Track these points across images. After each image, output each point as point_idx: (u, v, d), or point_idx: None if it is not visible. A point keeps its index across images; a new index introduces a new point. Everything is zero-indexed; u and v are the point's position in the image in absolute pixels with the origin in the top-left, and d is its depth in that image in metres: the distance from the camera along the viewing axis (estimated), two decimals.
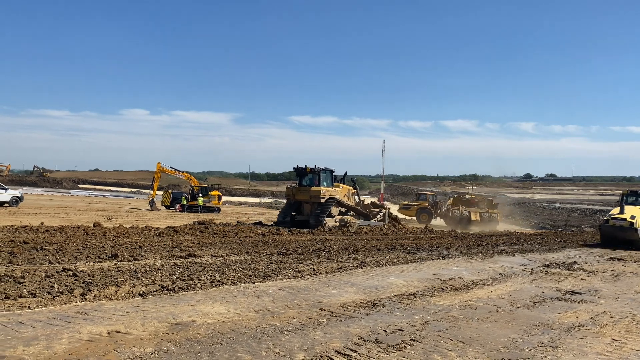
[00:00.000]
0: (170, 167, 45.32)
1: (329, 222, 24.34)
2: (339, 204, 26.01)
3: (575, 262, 15.49)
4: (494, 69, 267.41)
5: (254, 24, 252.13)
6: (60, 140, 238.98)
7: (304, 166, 26.07)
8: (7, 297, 7.17)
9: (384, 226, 25.58)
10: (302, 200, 25.91)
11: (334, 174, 26.80)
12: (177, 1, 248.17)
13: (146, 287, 8.46)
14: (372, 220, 27.44)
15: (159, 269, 10.37)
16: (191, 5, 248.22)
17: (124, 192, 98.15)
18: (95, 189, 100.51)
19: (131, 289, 8.21)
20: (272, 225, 25.47)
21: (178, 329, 6.27)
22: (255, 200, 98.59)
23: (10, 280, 8.31)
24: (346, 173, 28.41)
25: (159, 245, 14.24)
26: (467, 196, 49.84)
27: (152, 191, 44.38)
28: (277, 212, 55.42)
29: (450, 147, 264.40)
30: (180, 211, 43.53)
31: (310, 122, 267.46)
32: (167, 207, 46.30)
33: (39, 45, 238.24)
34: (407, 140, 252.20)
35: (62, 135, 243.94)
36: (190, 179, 46.98)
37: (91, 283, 8.48)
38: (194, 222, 22.86)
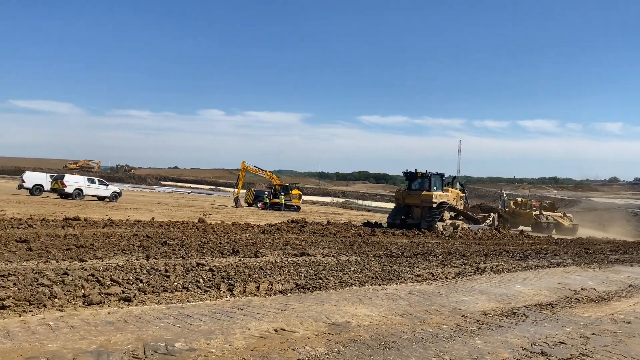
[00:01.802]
0: (254, 166, 46.53)
1: (440, 226, 24.24)
2: (451, 208, 25.80)
3: None
4: (576, 67, 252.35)
5: (324, 24, 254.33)
6: (141, 139, 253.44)
7: (414, 170, 26.45)
8: (165, 290, 7.55)
9: (490, 230, 25.10)
10: (412, 204, 26.16)
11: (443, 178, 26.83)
12: (251, 3, 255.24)
13: (282, 284, 8.62)
14: (482, 225, 26.85)
15: (282, 267, 10.57)
16: (263, 7, 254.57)
17: (204, 189, 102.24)
18: (176, 186, 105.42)
19: (269, 287, 8.40)
20: (371, 225, 25.45)
21: (337, 329, 6.31)
22: (327, 199, 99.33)
23: (157, 273, 8.76)
24: (455, 177, 28.00)
25: (269, 242, 14.57)
26: (527, 200, 46.98)
27: (236, 189, 45.70)
28: (352, 211, 55.17)
29: (527, 148, 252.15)
30: (262, 209, 44.60)
31: (380, 122, 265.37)
32: (250, 205, 47.57)
33: (123, 49, 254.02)
34: (481, 140, 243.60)
35: (143, 134, 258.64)
36: (273, 178, 48.03)
37: (229, 279, 8.76)
38: (288, 221, 23.26)
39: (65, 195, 32.66)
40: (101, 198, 34.61)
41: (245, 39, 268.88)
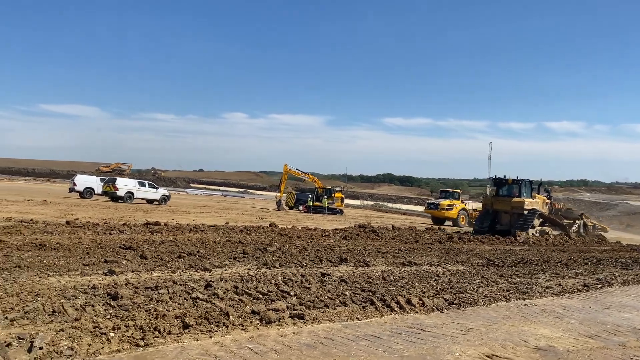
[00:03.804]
0: (297, 169, 46.06)
1: (531, 233, 23.79)
2: (541, 215, 25.26)
3: None
4: (604, 67, 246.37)
5: (347, 27, 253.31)
6: (166, 141, 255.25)
7: (503, 176, 26.27)
8: (327, 306, 6.97)
9: (572, 235, 24.34)
10: (500, 209, 25.85)
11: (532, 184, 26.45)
12: (275, 6, 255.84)
13: (432, 299, 7.96)
14: (570, 232, 26.06)
15: (403, 277, 9.94)
16: (286, 9, 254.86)
17: (233, 191, 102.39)
18: (206, 188, 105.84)
19: (420, 301, 7.75)
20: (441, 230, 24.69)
21: (549, 355, 5.63)
22: (356, 202, 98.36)
23: (295, 285, 8.19)
24: (541, 183, 27.26)
25: (362, 249, 13.94)
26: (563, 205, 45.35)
27: (279, 192, 45.28)
28: (389, 214, 54.31)
29: (554, 150, 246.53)
30: (305, 212, 44.06)
31: (402, 124, 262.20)
32: (291, 208, 47.08)
33: (147, 53, 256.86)
34: (506, 142, 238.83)
35: (168, 137, 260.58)
36: (315, 181, 47.46)
37: (371, 292, 8.15)
38: (355, 225, 22.63)
39: (116, 198, 32.58)
40: (150, 201, 34.46)
41: (268, 42, 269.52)
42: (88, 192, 34.05)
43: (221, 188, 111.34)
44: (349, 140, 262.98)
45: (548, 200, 27.52)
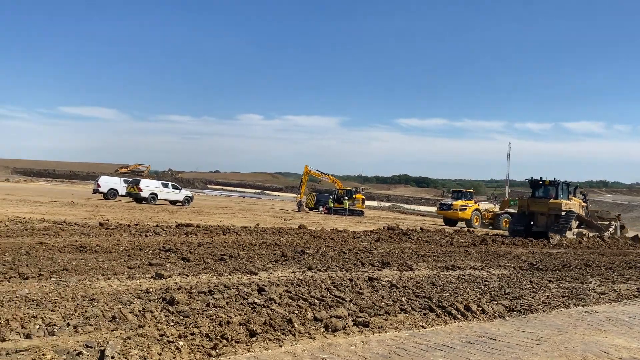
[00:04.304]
0: (317, 170, 45.86)
1: (568, 235, 23.40)
2: (578, 217, 24.85)
3: None
4: (623, 66, 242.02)
5: (362, 27, 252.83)
6: (182, 143, 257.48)
7: (539, 178, 25.93)
8: (387, 313, 6.69)
9: (605, 237, 23.85)
10: (536, 211, 25.48)
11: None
12: (289, 9, 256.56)
13: (490, 305, 7.63)
14: (605, 234, 25.56)
15: (452, 282, 9.61)
16: (301, 12, 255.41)
17: (250, 192, 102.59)
18: (223, 189, 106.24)
19: (478, 308, 7.42)
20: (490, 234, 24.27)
21: None
22: (373, 203, 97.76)
23: (346, 289, 7.94)
24: (577, 186, 26.83)
25: (399, 252, 13.63)
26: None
27: (299, 193, 45.11)
28: (410, 216, 53.81)
29: (572, 151, 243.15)
30: (325, 213, 43.82)
31: (418, 125, 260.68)
32: (311, 209, 46.87)
33: (164, 56, 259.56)
34: (523, 142, 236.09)
35: (185, 139, 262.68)
36: (335, 182, 47.19)
37: (428, 297, 7.85)
38: (384, 227, 22.31)
39: (140, 200, 32.69)
40: (173, 202, 34.53)
41: (283, 44, 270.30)
42: (112, 193, 34.24)
43: (238, 189, 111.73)
44: (364, 141, 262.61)
45: (584, 203, 27.00)
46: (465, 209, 37.01)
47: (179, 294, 6.62)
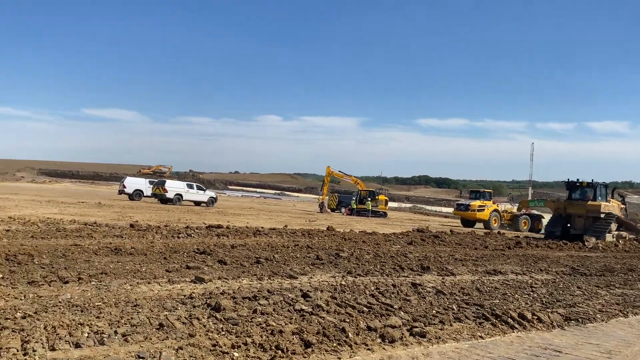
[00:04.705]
0: (339, 171, 45.50)
1: (608, 238, 22.81)
2: (618, 220, 24.28)
3: None
4: None
5: (380, 27, 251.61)
6: (202, 144, 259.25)
7: (576, 180, 25.34)
8: (442, 322, 6.36)
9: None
10: (574, 214, 24.90)
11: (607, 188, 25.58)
12: (307, 9, 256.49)
13: (546, 314, 7.23)
14: None
15: (497, 288, 9.22)
16: (318, 11, 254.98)
17: (270, 193, 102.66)
18: (243, 190, 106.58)
19: (533, 317, 7.02)
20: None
21: None
22: (393, 204, 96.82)
23: (393, 296, 7.62)
24: (615, 188, 26.12)
25: (435, 256, 13.24)
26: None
27: (322, 194, 44.83)
28: (434, 217, 53.08)
29: (596, 151, 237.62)
30: (347, 214, 43.42)
31: (438, 125, 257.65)
32: (333, 210, 46.52)
33: (184, 59, 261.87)
34: (545, 142, 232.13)
35: (204, 140, 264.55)
36: (358, 183, 46.77)
37: (479, 305, 7.49)
38: (413, 230, 21.90)
39: (165, 200, 32.78)
40: (197, 203, 34.55)
41: (300, 44, 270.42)
42: (137, 194, 34.40)
43: (258, 190, 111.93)
44: (382, 142, 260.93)
45: (623, 206, 26.18)
46: (484, 209, 35.55)
47: (224, 299, 6.39)
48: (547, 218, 40.02)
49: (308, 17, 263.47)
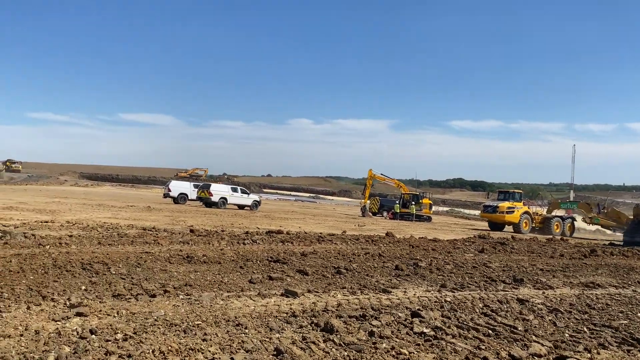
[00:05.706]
0: (381, 174, 44.57)
1: None
2: None
3: None
4: None
5: (411, 29, 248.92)
6: (235, 148, 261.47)
7: None
8: (587, 350, 5.50)
9: None
10: None
11: None
12: (338, 14, 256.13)
13: None
14: None
15: (608, 304, 8.25)
16: (350, 16, 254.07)
17: (305, 196, 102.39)
18: (278, 193, 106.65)
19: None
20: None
21: None
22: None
23: (503, 314, 6.79)
24: None
25: (519, 266, 12.26)
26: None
27: (364, 198, 44.00)
28: (475, 222, 51.48)
29: (637, 153, 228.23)
30: (390, 218, 42.46)
31: (471, 127, 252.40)
32: (374, 214, 45.65)
33: (217, 64, 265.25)
34: (584, 144, 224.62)
35: (237, 144, 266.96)
36: (401, 187, 45.68)
37: (615, 328, 6.57)
38: (474, 236, 20.89)
39: (210, 204, 32.59)
40: (241, 206, 34.27)
41: (332, 49, 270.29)
42: (182, 198, 34.38)
43: (292, 193, 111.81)
44: (415, 144, 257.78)
45: None
46: (513, 211, 33.06)
47: (332, 319, 5.70)
48: (578, 220, 37.58)
49: (338, 20, 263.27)
